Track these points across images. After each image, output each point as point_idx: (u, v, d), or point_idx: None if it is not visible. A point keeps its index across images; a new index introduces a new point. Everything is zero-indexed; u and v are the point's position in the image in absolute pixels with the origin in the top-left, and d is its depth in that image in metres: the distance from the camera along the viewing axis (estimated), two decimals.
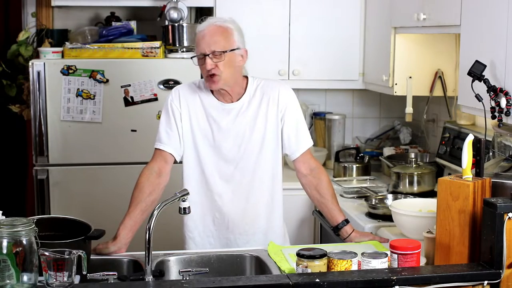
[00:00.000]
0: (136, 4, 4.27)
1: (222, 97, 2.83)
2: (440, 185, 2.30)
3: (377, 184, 3.78)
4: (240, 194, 2.85)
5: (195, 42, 2.77)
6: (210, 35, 2.71)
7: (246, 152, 2.83)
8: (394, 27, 3.78)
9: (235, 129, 2.82)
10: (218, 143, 2.83)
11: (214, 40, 2.70)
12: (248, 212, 2.87)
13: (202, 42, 2.72)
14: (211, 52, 2.69)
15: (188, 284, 2.10)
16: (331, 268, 2.19)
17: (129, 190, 3.96)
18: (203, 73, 2.76)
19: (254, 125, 2.83)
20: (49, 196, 3.95)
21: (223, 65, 2.71)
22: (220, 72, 2.71)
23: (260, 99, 2.84)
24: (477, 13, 2.86)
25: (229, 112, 2.82)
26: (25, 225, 2.04)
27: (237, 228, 2.87)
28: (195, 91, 2.86)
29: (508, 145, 2.83)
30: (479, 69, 2.63)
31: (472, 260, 2.24)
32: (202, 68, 2.74)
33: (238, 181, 2.85)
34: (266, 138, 2.84)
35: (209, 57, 2.70)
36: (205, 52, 2.70)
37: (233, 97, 2.83)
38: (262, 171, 2.86)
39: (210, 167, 2.84)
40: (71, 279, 2.08)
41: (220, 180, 2.85)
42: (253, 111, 2.83)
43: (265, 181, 2.88)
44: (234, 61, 2.75)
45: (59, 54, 3.98)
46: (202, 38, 2.72)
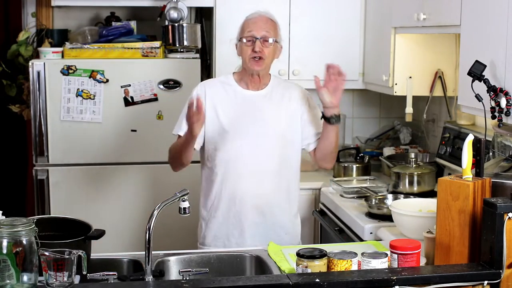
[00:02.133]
0: (136, 4, 4.26)
1: (250, 84, 3.04)
2: (440, 185, 2.30)
3: (377, 184, 3.78)
4: (260, 179, 2.98)
5: (242, 27, 3.02)
6: (263, 22, 2.98)
7: (267, 138, 2.99)
8: (394, 27, 3.78)
9: (258, 115, 3.00)
10: (243, 128, 2.99)
11: (266, 27, 2.98)
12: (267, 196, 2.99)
13: (255, 26, 2.97)
14: (262, 37, 2.95)
15: (188, 284, 2.10)
16: (331, 268, 2.19)
17: (129, 190, 4.00)
18: (247, 55, 2.97)
19: (276, 114, 3.02)
20: (49, 196, 3.95)
21: (268, 50, 2.97)
22: (265, 56, 2.96)
23: (282, 92, 3.07)
24: (477, 13, 2.86)
25: (253, 98, 3.03)
26: (25, 225, 2.04)
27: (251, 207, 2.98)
28: (219, 83, 3.09)
29: (508, 145, 2.83)
30: (479, 69, 2.63)
31: (472, 260, 2.24)
32: (246, 50, 2.96)
33: (259, 167, 2.98)
34: (286, 129, 3.02)
35: (259, 40, 2.94)
36: (257, 35, 2.95)
37: (260, 86, 3.05)
38: (282, 160, 3.00)
39: (234, 152, 2.98)
40: (71, 279, 2.08)
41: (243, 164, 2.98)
42: (276, 100, 3.04)
43: (285, 170, 3.03)
44: (275, 52, 3.03)
45: (59, 54, 3.98)
46: (254, 23, 2.98)
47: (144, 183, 3.99)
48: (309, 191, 4.05)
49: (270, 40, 2.96)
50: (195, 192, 3.93)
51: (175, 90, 3.95)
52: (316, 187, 4.02)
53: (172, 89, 3.96)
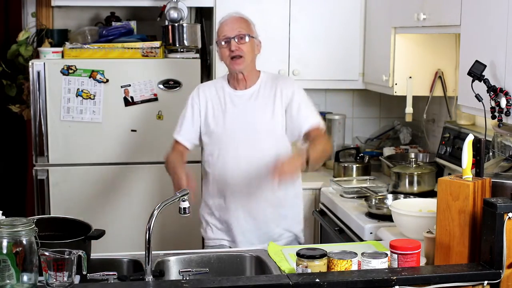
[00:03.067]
0: (136, 4, 4.27)
1: (238, 84, 3.07)
2: (440, 185, 2.30)
3: (377, 184, 3.78)
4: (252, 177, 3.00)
5: (217, 32, 3.05)
6: (233, 22, 3.05)
7: (255, 135, 3.01)
8: (394, 27, 3.78)
9: (245, 113, 3.03)
10: (231, 126, 3.03)
11: (238, 25, 3.02)
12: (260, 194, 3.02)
13: (227, 28, 3.01)
14: (236, 35, 2.98)
15: (188, 284, 2.10)
16: (331, 268, 2.19)
17: (129, 190, 4.00)
18: (226, 57, 3.01)
19: (263, 111, 3.04)
20: (49, 196, 3.95)
21: (246, 47, 3.00)
22: (244, 53, 2.98)
23: (270, 89, 3.07)
24: (477, 13, 2.86)
25: (240, 97, 3.06)
26: (25, 225, 2.04)
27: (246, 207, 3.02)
28: (213, 85, 3.15)
29: (508, 145, 2.83)
30: (479, 69, 2.63)
31: (472, 260, 2.24)
32: (225, 52, 3.01)
33: (249, 165, 2.99)
34: (275, 125, 3.03)
35: (234, 39, 2.97)
36: (230, 35, 3.00)
37: (247, 85, 3.07)
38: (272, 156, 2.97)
39: (225, 150, 3.02)
40: (71, 279, 2.08)
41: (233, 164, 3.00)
42: (263, 98, 3.05)
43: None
44: (253, 48, 3.05)
45: (59, 54, 3.98)
46: (226, 25, 3.02)
47: (144, 183, 3.99)
48: (309, 191, 4.05)
49: (245, 37, 2.99)
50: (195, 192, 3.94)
51: (175, 90, 3.95)
52: (316, 187, 4.02)
53: (172, 89, 3.96)
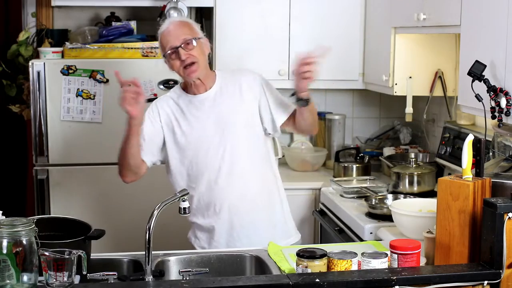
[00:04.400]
0: (136, 4, 4.27)
1: (196, 89, 2.93)
2: (440, 185, 2.30)
3: (377, 184, 3.78)
4: (235, 177, 2.91)
5: (161, 44, 2.87)
6: (175, 29, 2.85)
7: (229, 137, 2.90)
8: (394, 27, 3.78)
9: (214, 115, 2.91)
10: (201, 134, 2.90)
11: (180, 31, 2.84)
12: (246, 193, 2.93)
13: (170, 37, 2.84)
14: (182, 42, 2.81)
15: (188, 284, 2.10)
16: (331, 268, 2.19)
17: (129, 190, 3.99)
18: (178, 68, 2.85)
19: (231, 110, 2.93)
20: (49, 196, 3.95)
21: (196, 52, 2.84)
22: (196, 59, 2.83)
23: (233, 84, 2.96)
24: (477, 13, 2.86)
25: (203, 102, 2.93)
26: (25, 225, 2.04)
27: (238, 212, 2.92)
28: (168, 98, 2.99)
29: (508, 145, 2.83)
30: (479, 69, 2.63)
31: (472, 260, 2.24)
32: (175, 63, 2.84)
33: (230, 165, 2.90)
34: (246, 122, 2.94)
35: (181, 48, 2.81)
36: (176, 44, 2.82)
37: (207, 87, 2.94)
38: (248, 155, 2.93)
39: (199, 161, 2.91)
40: (71, 279, 2.08)
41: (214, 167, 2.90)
42: (228, 96, 2.94)
43: (256, 160, 2.95)
44: (203, 49, 2.89)
45: (59, 54, 3.98)
46: (168, 34, 2.85)
47: (144, 183, 3.97)
48: (309, 191, 4.05)
49: (192, 42, 2.83)
50: None
51: None
52: (316, 187, 4.02)
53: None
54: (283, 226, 3.04)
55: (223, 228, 2.95)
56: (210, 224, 2.96)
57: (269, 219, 2.99)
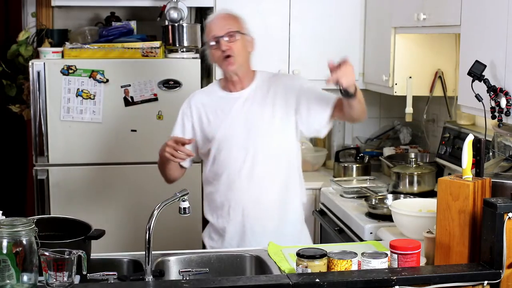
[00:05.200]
0: (136, 4, 4.27)
1: (233, 86, 2.93)
2: (440, 185, 2.30)
3: (377, 184, 3.78)
4: (254, 181, 2.89)
5: (206, 32, 2.88)
6: (221, 20, 2.87)
7: (254, 140, 2.88)
8: (394, 27, 3.78)
9: (243, 116, 2.89)
10: (227, 132, 2.89)
11: (226, 22, 2.85)
12: (262, 199, 2.90)
13: (215, 27, 2.85)
14: (225, 33, 2.81)
15: (188, 284, 2.10)
16: (331, 268, 2.19)
17: (129, 190, 3.99)
18: (217, 58, 2.86)
19: (262, 112, 2.90)
20: (49, 196, 3.95)
21: (237, 46, 2.83)
22: (235, 53, 2.83)
23: (268, 88, 2.93)
24: (477, 13, 2.86)
25: (236, 100, 2.92)
26: (25, 225, 2.04)
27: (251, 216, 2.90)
28: (204, 93, 3.01)
29: (508, 145, 2.83)
30: (479, 69, 2.63)
31: (472, 260, 2.24)
32: (215, 53, 2.85)
33: (250, 169, 2.88)
34: (275, 126, 2.90)
35: (223, 39, 2.81)
36: (219, 34, 2.82)
37: (243, 86, 2.93)
38: (271, 160, 2.90)
39: (220, 158, 2.90)
40: (71, 279, 2.08)
41: (235, 168, 2.89)
42: (261, 98, 2.91)
43: (278, 168, 2.92)
44: (246, 45, 2.88)
45: (59, 54, 3.98)
46: (215, 24, 2.86)
47: (144, 183, 3.98)
48: (309, 191, 4.04)
49: (235, 35, 2.82)
50: (195, 192, 3.94)
51: (175, 90, 3.95)
52: (316, 187, 4.02)
53: (172, 89, 3.95)
54: (297, 235, 2.99)
55: (235, 231, 2.93)
56: (222, 224, 2.95)
57: (282, 229, 2.94)
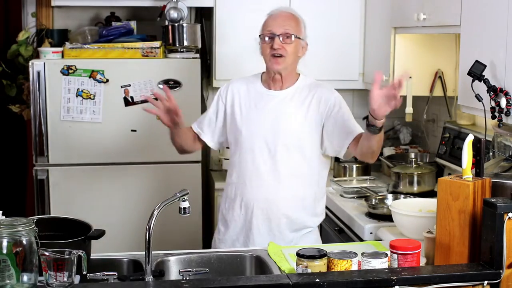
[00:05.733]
0: (136, 4, 4.26)
1: (273, 84, 2.94)
2: (440, 185, 2.30)
3: (377, 184, 3.78)
4: (270, 182, 2.89)
5: (263, 25, 2.91)
6: (283, 18, 2.88)
7: (279, 142, 2.87)
8: (394, 27, 3.78)
9: (274, 115, 2.90)
10: (255, 128, 2.90)
11: (286, 22, 2.87)
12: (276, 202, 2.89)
13: (275, 23, 2.87)
14: (282, 33, 2.84)
15: (188, 284, 2.10)
16: (331, 268, 2.19)
17: (129, 190, 3.99)
18: (267, 54, 2.88)
19: (294, 116, 2.89)
20: (49, 196, 3.95)
21: (289, 48, 2.85)
22: (286, 53, 2.84)
23: (306, 94, 2.92)
24: (477, 13, 2.86)
25: (272, 98, 2.93)
26: (25, 225, 2.04)
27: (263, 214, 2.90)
28: (244, 82, 3.02)
29: (508, 145, 2.83)
30: (479, 69, 2.63)
31: (472, 260, 2.24)
32: (266, 47, 2.87)
33: (270, 169, 2.88)
34: (304, 132, 2.89)
35: (278, 37, 2.83)
36: (276, 32, 2.85)
37: (283, 86, 2.94)
38: (291, 166, 2.89)
39: (244, 152, 2.91)
40: (71, 279, 2.08)
41: (254, 164, 2.89)
42: (296, 102, 2.91)
43: (299, 174, 2.91)
44: (298, 49, 2.90)
45: (59, 54, 3.98)
46: (275, 19, 2.88)
47: (144, 183, 3.99)
48: None
49: (291, 37, 2.84)
50: (195, 192, 3.94)
51: (175, 90, 3.95)
52: None
53: (172, 89, 3.95)
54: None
55: (242, 226, 2.94)
56: (232, 216, 2.96)
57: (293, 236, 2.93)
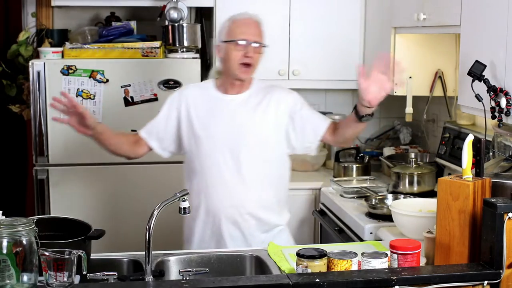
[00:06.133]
0: (136, 4, 4.27)
1: (231, 89, 2.91)
2: (440, 185, 2.30)
3: (377, 184, 3.78)
4: (233, 186, 2.87)
5: (230, 29, 2.84)
6: (255, 26, 2.85)
7: (240, 146, 2.86)
8: (394, 27, 3.78)
9: (231, 119, 2.88)
10: (215, 133, 2.87)
11: (258, 31, 2.85)
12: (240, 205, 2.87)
13: (248, 30, 2.82)
14: (256, 41, 2.81)
15: (188, 284, 2.10)
16: (331, 268, 2.19)
17: (129, 190, 4.00)
18: (236, 60, 2.81)
19: (251, 119, 2.88)
20: (49, 196, 3.95)
21: (258, 57, 2.85)
22: (255, 63, 2.83)
23: (262, 97, 2.91)
24: (477, 13, 2.86)
25: (230, 102, 2.90)
26: (25, 225, 2.04)
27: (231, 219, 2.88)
28: (197, 88, 3.00)
29: (508, 145, 2.83)
30: (479, 69, 2.63)
31: (472, 260, 2.24)
32: (236, 54, 2.80)
33: (231, 173, 2.86)
34: (263, 135, 2.88)
35: (252, 45, 2.80)
36: (250, 39, 2.80)
37: (240, 90, 2.91)
38: (256, 169, 2.88)
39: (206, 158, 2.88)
40: (71, 279, 2.08)
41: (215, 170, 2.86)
42: (252, 105, 2.89)
43: (262, 177, 2.89)
44: (261, 57, 2.88)
45: (59, 54, 3.98)
46: (248, 27, 2.83)
47: (144, 183, 3.99)
48: (309, 191, 4.05)
49: (261, 45, 2.83)
50: None
51: (175, 90, 3.94)
52: (316, 187, 4.02)
53: (172, 89, 3.95)
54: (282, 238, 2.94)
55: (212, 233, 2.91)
56: (199, 225, 2.93)
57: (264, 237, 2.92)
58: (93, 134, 2.87)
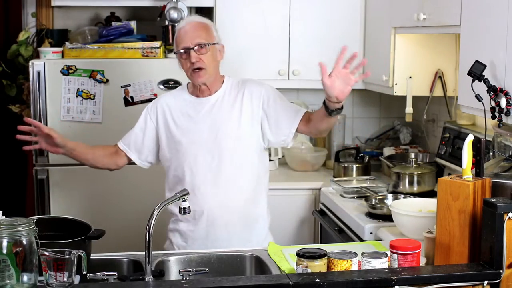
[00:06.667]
0: (136, 4, 4.27)
1: (201, 93, 2.92)
2: (440, 185, 2.30)
3: (377, 184, 3.78)
4: (219, 186, 2.87)
5: (176, 40, 2.87)
6: (192, 30, 2.83)
7: (220, 145, 2.86)
8: (394, 27, 3.78)
9: (210, 121, 2.88)
10: (193, 137, 2.88)
11: (197, 34, 2.82)
12: (227, 204, 2.88)
13: (186, 37, 2.82)
14: (195, 45, 2.80)
15: (188, 284, 2.10)
16: (331, 268, 2.19)
17: (129, 190, 3.99)
18: (187, 69, 2.85)
19: (229, 118, 2.88)
20: (49, 196, 3.95)
21: (207, 58, 2.82)
22: (205, 65, 2.82)
23: (236, 94, 2.92)
24: (477, 13, 2.86)
25: (204, 105, 2.91)
26: (25, 225, 2.04)
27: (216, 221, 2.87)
28: (171, 96, 3.01)
29: (508, 145, 2.83)
30: (479, 69, 2.63)
31: (472, 260, 2.24)
32: (185, 63, 2.84)
33: (216, 174, 2.86)
34: (242, 132, 2.88)
35: (193, 50, 2.80)
36: (189, 45, 2.81)
37: (211, 92, 2.92)
38: (237, 166, 2.88)
39: (189, 162, 2.88)
40: (71, 279, 2.08)
41: (200, 173, 2.87)
42: (228, 104, 2.90)
43: (244, 174, 2.90)
44: (215, 55, 2.87)
45: (59, 54, 3.98)
46: (186, 33, 2.83)
47: (144, 183, 3.98)
48: (309, 191, 4.05)
49: (205, 46, 2.81)
50: None
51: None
52: (316, 187, 4.02)
53: (172, 89, 3.92)
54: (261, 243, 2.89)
55: (198, 235, 2.90)
56: (187, 228, 2.92)
57: (247, 234, 2.92)
58: (64, 152, 2.97)
